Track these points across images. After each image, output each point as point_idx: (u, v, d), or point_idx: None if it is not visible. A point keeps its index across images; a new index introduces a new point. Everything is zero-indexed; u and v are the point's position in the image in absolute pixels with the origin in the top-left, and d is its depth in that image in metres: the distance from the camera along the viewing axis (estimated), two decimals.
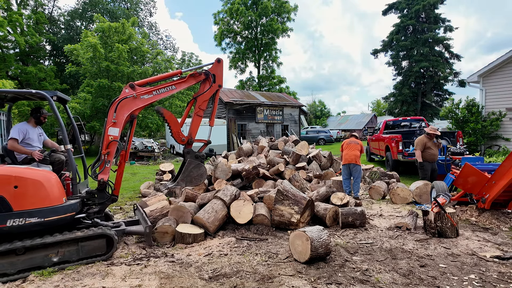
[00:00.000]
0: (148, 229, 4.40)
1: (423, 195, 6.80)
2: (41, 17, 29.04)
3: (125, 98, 4.34)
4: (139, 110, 4.49)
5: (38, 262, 3.75)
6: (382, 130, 13.08)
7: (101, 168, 4.25)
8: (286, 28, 37.91)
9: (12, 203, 3.61)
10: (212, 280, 3.43)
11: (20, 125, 4.45)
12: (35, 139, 4.53)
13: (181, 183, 4.91)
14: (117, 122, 4.27)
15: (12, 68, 26.83)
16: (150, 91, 4.52)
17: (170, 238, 4.73)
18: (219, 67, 5.04)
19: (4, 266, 3.58)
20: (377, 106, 61.06)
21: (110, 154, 4.26)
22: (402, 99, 29.67)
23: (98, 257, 4.05)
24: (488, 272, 3.52)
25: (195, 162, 4.93)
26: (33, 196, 3.72)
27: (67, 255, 3.90)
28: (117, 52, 21.04)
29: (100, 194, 4.36)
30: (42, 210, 3.72)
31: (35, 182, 3.74)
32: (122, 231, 4.49)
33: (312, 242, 3.69)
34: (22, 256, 3.67)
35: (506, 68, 12.23)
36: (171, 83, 4.75)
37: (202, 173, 4.97)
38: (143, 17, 39.49)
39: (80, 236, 3.92)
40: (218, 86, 4.99)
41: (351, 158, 7.00)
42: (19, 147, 4.29)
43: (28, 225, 3.67)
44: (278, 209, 5.07)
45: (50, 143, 4.89)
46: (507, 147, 12.21)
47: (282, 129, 26.53)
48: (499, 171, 4.83)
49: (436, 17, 28.14)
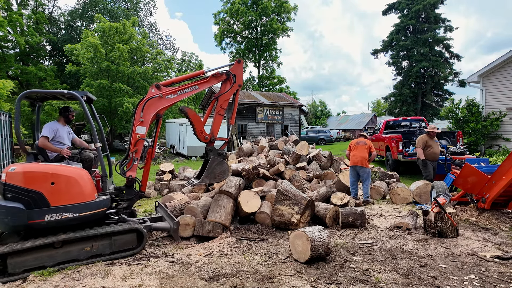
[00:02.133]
0: (175, 225, 4.53)
1: (423, 195, 6.80)
2: (41, 17, 29.06)
3: (151, 98, 4.50)
4: (164, 109, 4.65)
5: (75, 255, 3.91)
6: (382, 130, 13.08)
7: (129, 166, 4.42)
8: (286, 28, 37.92)
9: (50, 199, 3.79)
10: (212, 280, 3.43)
11: (51, 123, 4.59)
12: (65, 137, 4.68)
13: (205, 179, 5.03)
14: (144, 121, 4.45)
15: (12, 68, 26.85)
16: (175, 91, 4.67)
17: (191, 230, 4.82)
18: (239, 67, 5.20)
19: (44, 259, 3.75)
20: (377, 106, 61.03)
21: (137, 151, 4.44)
22: (402, 99, 29.65)
23: (129, 251, 4.19)
24: (488, 272, 3.52)
25: (218, 159, 5.04)
26: (68, 192, 3.90)
27: (101, 249, 4.06)
28: (117, 52, 21.05)
29: (128, 190, 4.54)
30: (77, 205, 3.91)
31: (70, 178, 3.92)
32: (149, 227, 4.63)
33: (312, 242, 3.69)
34: (60, 249, 3.84)
35: (506, 68, 12.23)
36: (194, 83, 4.89)
37: (225, 170, 5.09)
38: (143, 17, 39.57)
39: (114, 231, 4.09)
40: (238, 85, 5.15)
41: (357, 160, 6.69)
42: (50, 145, 4.41)
43: (64, 220, 3.85)
44: (278, 209, 5.08)
45: (78, 141, 5.03)
46: (507, 147, 12.21)
47: (282, 129, 26.53)
48: (499, 171, 4.83)
49: (436, 17, 28.12)
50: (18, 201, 3.70)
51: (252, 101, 24.49)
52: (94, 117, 4.72)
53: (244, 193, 5.38)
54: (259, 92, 30.07)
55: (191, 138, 18.88)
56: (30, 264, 3.68)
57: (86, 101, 4.49)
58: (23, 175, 3.77)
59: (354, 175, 6.86)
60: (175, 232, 4.55)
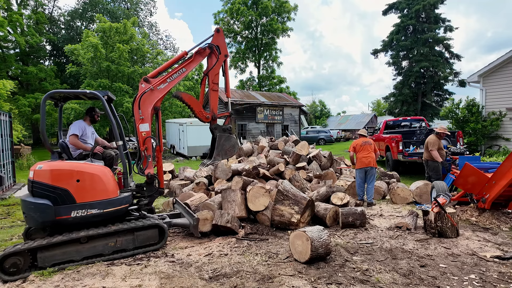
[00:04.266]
0: (195, 221, 4.57)
1: (423, 195, 6.80)
2: (41, 17, 29.07)
3: (144, 93, 4.50)
4: (160, 101, 4.65)
5: (100, 250, 4.03)
6: (382, 130, 13.08)
7: (145, 164, 4.50)
8: (286, 28, 37.90)
9: (75, 196, 3.92)
10: (212, 280, 3.43)
11: (79, 122, 4.71)
12: (90, 136, 4.80)
13: (217, 158, 5.07)
14: (145, 118, 4.48)
15: (12, 68, 26.87)
16: (164, 80, 4.67)
17: (210, 224, 4.85)
18: (219, 36, 5.12)
19: (71, 253, 3.89)
20: (377, 106, 60.99)
21: (148, 149, 4.51)
22: (402, 99, 29.63)
23: (151, 246, 4.29)
24: (488, 272, 3.52)
25: (224, 135, 5.07)
26: (93, 189, 4.02)
27: (124, 244, 4.16)
28: (118, 52, 21.05)
29: (149, 187, 4.63)
30: (101, 202, 4.03)
31: (94, 176, 4.05)
32: (169, 223, 4.69)
33: (312, 242, 3.69)
34: (86, 245, 3.96)
35: (506, 68, 12.23)
36: (180, 66, 4.88)
37: (234, 144, 5.13)
38: (143, 17, 39.54)
39: (137, 227, 4.20)
40: (225, 56, 5.09)
41: (368, 161, 6.56)
42: (79, 142, 4.51)
43: (89, 216, 3.97)
44: (279, 209, 5.07)
45: (100, 141, 5.11)
46: (507, 147, 12.21)
47: (282, 129, 26.53)
48: (499, 171, 4.82)
49: (436, 17, 28.10)
50: (45, 198, 3.83)
51: (252, 101, 24.49)
52: (114, 116, 4.76)
53: (254, 189, 5.21)
54: (259, 92, 30.08)
55: (191, 138, 18.89)
56: (58, 258, 3.82)
57: (106, 100, 4.57)
58: (50, 172, 3.90)
59: (362, 177, 6.72)
60: (195, 228, 4.59)
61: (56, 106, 4.84)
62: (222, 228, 4.80)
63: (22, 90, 26.62)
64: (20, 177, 11.61)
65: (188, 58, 4.93)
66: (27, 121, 29.10)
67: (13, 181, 10.12)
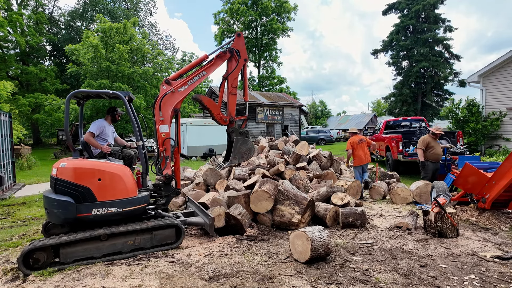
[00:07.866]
0: (211, 220, 4.59)
1: (424, 195, 6.80)
2: (41, 17, 29.08)
3: (165, 95, 4.54)
4: (180, 103, 4.71)
5: (119, 248, 4.07)
6: (382, 130, 13.08)
7: (163, 165, 4.56)
8: (286, 28, 37.94)
9: (97, 194, 3.98)
10: (212, 280, 3.43)
11: (99, 121, 4.76)
12: (110, 135, 4.85)
13: (233, 160, 5.12)
14: (165, 119, 4.53)
15: (12, 68, 26.88)
16: (185, 82, 4.71)
17: (223, 219, 4.88)
18: (240, 41, 5.16)
19: (92, 250, 3.94)
20: (377, 106, 60.98)
21: (167, 150, 4.58)
22: (402, 99, 29.66)
23: (168, 245, 4.35)
24: (489, 272, 3.52)
25: (241, 138, 5.11)
26: (113, 188, 4.09)
27: (143, 243, 4.21)
28: (118, 52, 21.04)
29: (166, 187, 4.69)
30: (121, 201, 4.10)
31: (115, 175, 4.12)
32: (183, 222, 4.73)
33: (312, 242, 3.69)
34: (106, 242, 4.01)
35: (507, 68, 12.22)
36: (201, 69, 4.92)
37: (250, 147, 5.17)
38: (143, 17, 39.55)
39: (155, 226, 4.24)
40: (244, 60, 5.12)
41: (366, 158, 7.43)
42: (93, 140, 4.54)
43: (109, 214, 4.04)
44: (279, 209, 5.07)
45: (119, 140, 5.18)
46: (507, 147, 12.20)
47: (282, 129, 26.54)
48: (499, 171, 4.82)
49: (436, 17, 28.13)
50: (68, 195, 3.91)
51: (252, 101, 24.49)
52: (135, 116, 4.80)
53: (259, 192, 5.08)
54: (259, 92, 30.08)
55: (192, 138, 18.89)
56: (79, 255, 3.87)
57: (128, 100, 4.61)
58: (73, 170, 3.98)
59: (360, 171, 7.64)
60: (211, 227, 4.61)
61: (79, 104, 4.97)
62: (233, 221, 4.81)
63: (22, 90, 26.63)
64: (20, 177, 11.61)
65: (208, 62, 4.98)
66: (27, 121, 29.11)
67: (13, 181, 10.12)
